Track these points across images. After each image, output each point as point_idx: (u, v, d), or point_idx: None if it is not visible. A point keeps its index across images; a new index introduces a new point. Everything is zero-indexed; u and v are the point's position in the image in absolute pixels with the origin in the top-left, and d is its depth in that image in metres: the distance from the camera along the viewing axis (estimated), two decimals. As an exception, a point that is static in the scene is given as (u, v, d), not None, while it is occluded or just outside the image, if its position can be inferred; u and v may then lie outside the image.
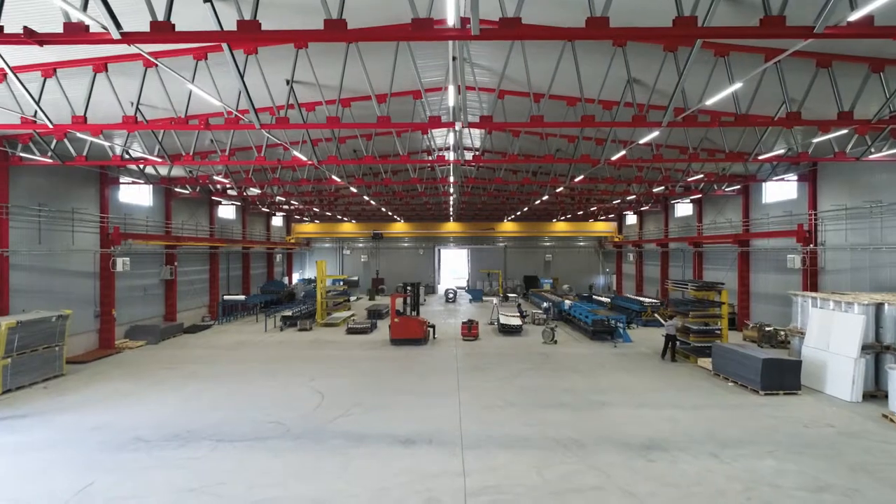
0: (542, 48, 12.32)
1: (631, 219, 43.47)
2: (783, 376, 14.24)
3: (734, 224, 27.08)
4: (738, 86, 10.78)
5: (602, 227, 46.03)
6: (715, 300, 19.50)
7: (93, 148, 16.40)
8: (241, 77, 10.59)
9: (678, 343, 19.45)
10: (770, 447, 10.57)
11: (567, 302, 27.41)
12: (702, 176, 21.80)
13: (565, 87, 14.49)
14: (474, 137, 23.52)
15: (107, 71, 11.53)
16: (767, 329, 21.58)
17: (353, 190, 25.85)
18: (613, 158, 16.79)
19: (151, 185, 24.76)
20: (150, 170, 21.72)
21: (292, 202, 32.82)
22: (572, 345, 22.32)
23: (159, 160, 16.35)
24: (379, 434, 11.28)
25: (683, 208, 33.61)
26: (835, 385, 14.09)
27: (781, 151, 17.13)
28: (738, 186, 25.47)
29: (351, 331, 25.45)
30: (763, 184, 24.63)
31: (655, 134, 14.64)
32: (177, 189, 25.69)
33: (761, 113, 14.25)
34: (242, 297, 29.81)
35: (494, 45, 12.75)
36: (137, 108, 11.56)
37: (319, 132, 18.00)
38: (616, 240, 44.64)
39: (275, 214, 42.21)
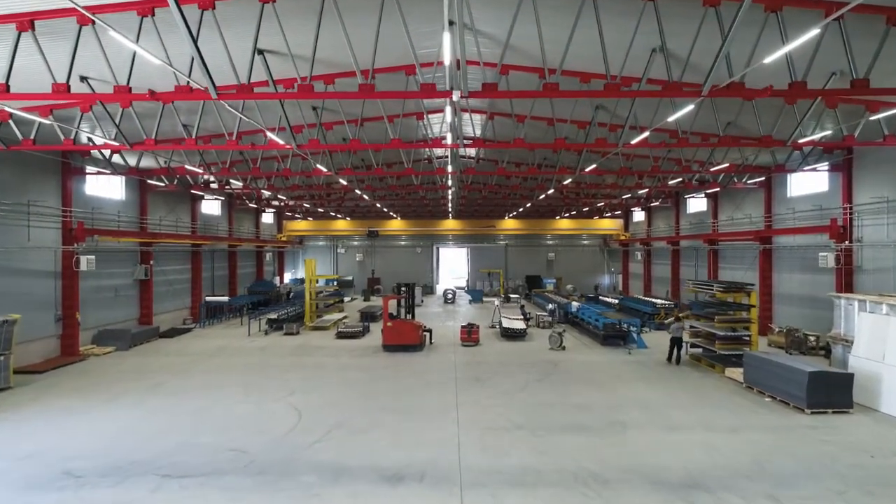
0: (557, 9, 10.44)
1: (638, 215, 41.52)
2: (832, 392, 12.32)
3: (754, 220, 25.15)
4: (792, 46, 8.83)
5: (608, 225, 44.11)
6: (742, 303, 17.57)
7: (42, 131, 14.44)
8: (194, 39, 8.59)
9: (701, 350, 17.57)
10: (837, 485, 8.65)
11: (574, 304, 25.49)
12: (727, 164, 19.78)
13: (580, 60, 12.60)
14: (475, 125, 21.53)
15: (33, 30, 9.58)
16: (796, 334, 19.66)
17: (343, 182, 23.92)
18: (633, 142, 14.87)
19: (123, 177, 22.82)
20: (117, 159, 19.74)
21: (280, 196, 30.86)
22: (582, 351, 20.39)
23: (116, 144, 14.39)
24: (361, 466, 9.35)
25: (697, 203, 31.67)
26: (894, 402, 12.16)
27: (824, 135, 15.18)
28: (762, 178, 23.53)
29: (341, 335, 23.51)
30: (788, 176, 22.70)
31: (683, 113, 12.71)
32: (151, 181, 23.74)
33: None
34: (226, 299, 27.87)
35: (498, 5, 10.92)
36: (70, 73, 9.61)
37: (300, 115, 16.03)
38: (622, 238, 42.70)
39: (264, 211, 40.25)
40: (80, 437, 10.96)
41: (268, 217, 42.56)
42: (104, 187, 22.13)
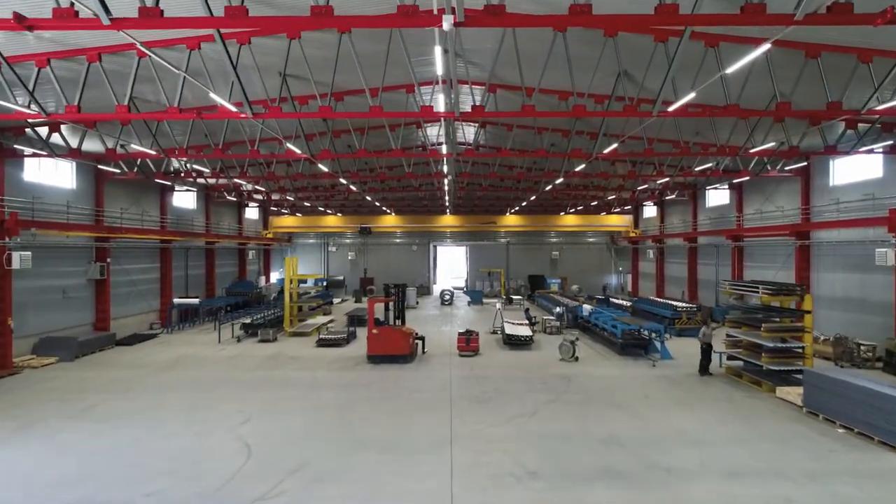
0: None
1: (650, 211, 38.80)
2: (934, 425, 9.59)
3: (788, 213, 22.43)
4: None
5: (616, 221, 41.41)
6: (790, 307, 14.85)
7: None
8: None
9: (742, 363, 14.90)
10: None
11: (586, 307, 22.75)
12: (769, 145, 16.93)
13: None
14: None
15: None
16: (847, 343, 16.95)
17: (323, 168, 21.17)
18: (672, 109, 12.14)
19: (74, 163, 20.04)
20: (58, 140, 16.90)
21: (258, 188, 28.05)
22: (598, 363, 17.65)
23: (31, 112, 11.59)
24: (313, 546, 6.61)
25: (718, 196, 28.93)
26: None
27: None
28: (800, 165, 20.81)
29: (322, 343, 20.75)
30: (831, 163, 19.97)
31: (744, 63, 10.05)
32: (107, 168, 20.95)
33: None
34: (197, 301, 25.06)
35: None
36: None
37: (261, 88, 13.24)
38: (632, 234, 39.96)
39: (247, 205, 37.45)
40: (-54, 490, 8.22)
41: (252, 212, 39.80)
42: (50, 174, 19.36)
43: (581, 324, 24.42)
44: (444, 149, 18.55)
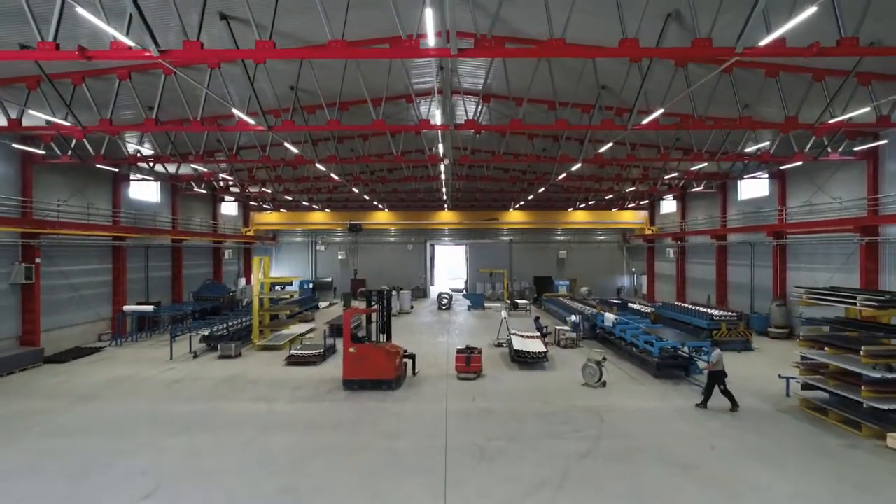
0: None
1: (668, 205, 35.27)
2: None
3: (847, 205, 18.92)
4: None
5: (629, 217, 37.87)
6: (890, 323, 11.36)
7: None
8: None
9: (827, 394, 11.40)
10: None
11: (609, 317, 19.17)
12: (867, 110, 13.35)
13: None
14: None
15: None
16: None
17: (292, 149, 17.69)
18: (764, 44, 8.74)
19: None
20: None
21: (226, 177, 24.47)
22: (631, 389, 14.11)
23: None
24: None
25: (753, 187, 25.40)
26: None
27: None
28: (868, 146, 17.30)
29: (293, 360, 17.21)
30: (907, 142, 16.52)
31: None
32: (34, 150, 17.40)
33: None
34: (150, 308, 21.47)
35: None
36: None
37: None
38: (648, 232, 36.43)
39: (223, 199, 33.88)
40: None
41: (231, 208, 36.24)
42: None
43: (598, 334, 20.96)
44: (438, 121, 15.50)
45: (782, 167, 21.01)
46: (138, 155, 19.93)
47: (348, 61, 12.85)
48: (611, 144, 16.46)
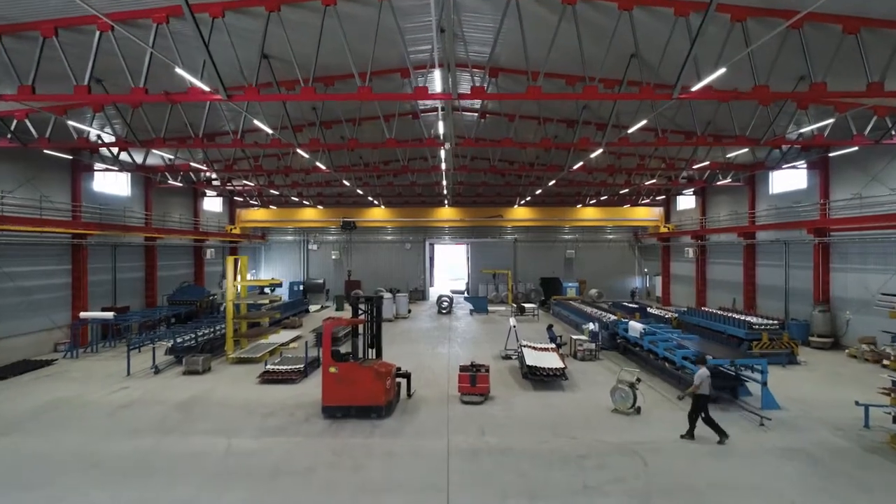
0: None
1: (685, 201, 32.80)
2: None
3: (907, 196, 16.48)
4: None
5: (643, 214, 35.41)
6: None
7: None
8: None
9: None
10: None
11: (635, 326, 16.66)
12: None
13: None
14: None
15: None
16: None
17: (267, 129, 15.20)
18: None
19: None
20: None
21: (195, 165, 21.87)
22: (672, 418, 11.54)
23: None
24: None
25: (788, 179, 22.92)
26: None
27: None
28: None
29: (268, 377, 14.73)
30: None
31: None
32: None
33: None
34: (110, 315, 18.95)
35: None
36: None
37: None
38: (663, 230, 33.94)
39: (204, 194, 31.36)
40: None
41: (215, 204, 33.73)
42: None
43: (620, 344, 18.51)
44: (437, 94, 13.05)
45: (830, 154, 18.51)
46: (91, 139, 17.42)
47: (327, 20, 10.41)
48: (644, 123, 13.88)
